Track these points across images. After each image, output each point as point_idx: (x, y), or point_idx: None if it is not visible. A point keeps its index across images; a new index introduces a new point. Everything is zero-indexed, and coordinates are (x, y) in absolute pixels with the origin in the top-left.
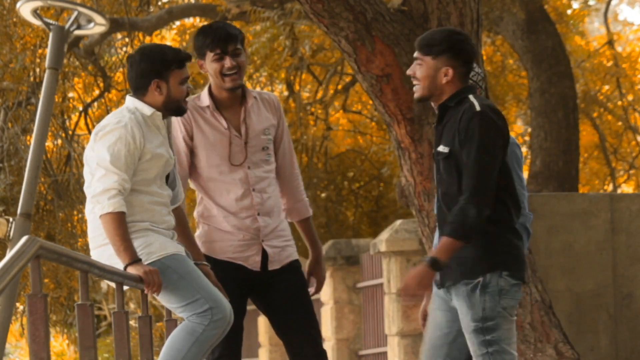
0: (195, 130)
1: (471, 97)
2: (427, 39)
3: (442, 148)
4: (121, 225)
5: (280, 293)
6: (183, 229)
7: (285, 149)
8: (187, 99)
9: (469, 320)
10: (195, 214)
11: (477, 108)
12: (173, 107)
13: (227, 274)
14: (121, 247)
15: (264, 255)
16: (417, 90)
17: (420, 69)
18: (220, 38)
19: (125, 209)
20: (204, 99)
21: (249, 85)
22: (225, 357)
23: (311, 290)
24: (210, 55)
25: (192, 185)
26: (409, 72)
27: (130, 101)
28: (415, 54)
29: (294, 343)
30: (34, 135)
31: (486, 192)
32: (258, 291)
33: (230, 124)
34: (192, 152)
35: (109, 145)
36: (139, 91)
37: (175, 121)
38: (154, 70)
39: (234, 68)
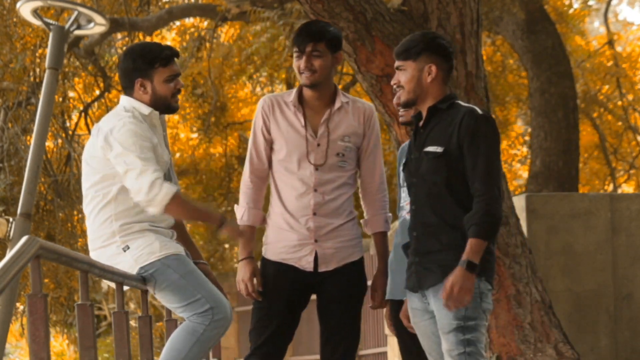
0: (272, 124)
1: (461, 102)
2: (402, 45)
3: (432, 148)
4: (186, 202)
5: (325, 295)
6: (180, 229)
7: (369, 162)
8: (276, 94)
9: (451, 318)
10: (266, 216)
11: (480, 111)
12: (161, 106)
13: (280, 275)
14: (204, 216)
15: (317, 255)
16: (402, 95)
17: (403, 74)
18: (299, 36)
19: (177, 188)
20: (293, 93)
21: (248, 85)
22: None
23: (373, 303)
24: (294, 51)
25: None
26: (393, 82)
27: (126, 100)
28: (396, 64)
29: (322, 346)
30: (34, 135)
31: (499, 190)
32: (312, 291)
33: (309, 123)
34: (271, 147)
35: (127, 146)
36: (127, 90)
37: (257, 113)
38: (137, 69)
39: (306, 69)
